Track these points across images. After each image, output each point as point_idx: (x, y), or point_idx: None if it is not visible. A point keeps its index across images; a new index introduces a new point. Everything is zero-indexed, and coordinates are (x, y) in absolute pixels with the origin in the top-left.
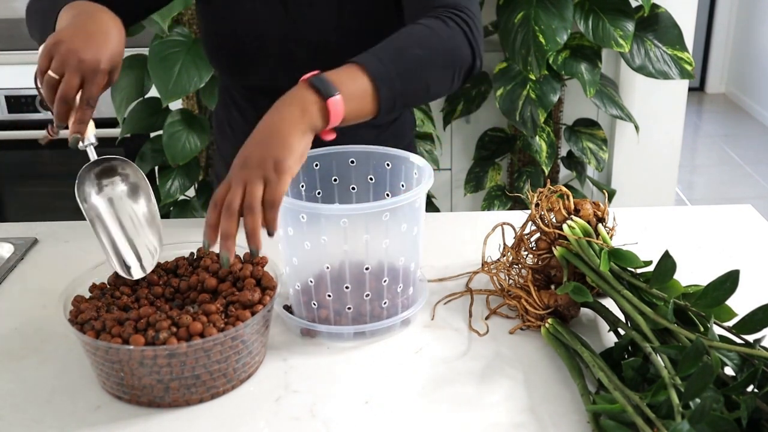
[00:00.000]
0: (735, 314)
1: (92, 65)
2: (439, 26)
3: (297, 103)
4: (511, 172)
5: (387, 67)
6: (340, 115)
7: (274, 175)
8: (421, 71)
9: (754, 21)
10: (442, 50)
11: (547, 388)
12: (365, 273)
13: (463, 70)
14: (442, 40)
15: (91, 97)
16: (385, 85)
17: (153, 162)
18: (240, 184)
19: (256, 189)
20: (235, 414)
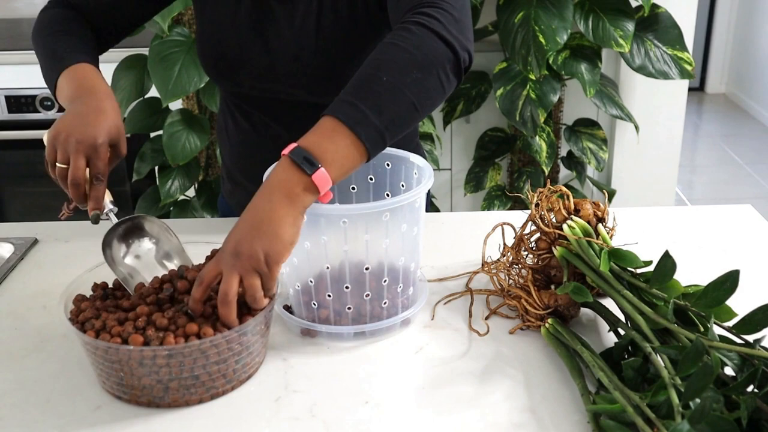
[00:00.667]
0: (735, 314)
1: (91, 142)
2: (402, 37)
3: (283, 188)
4: (511, 172)
5: (357, 108)
6: (328, 183)
7: (266, 269)
8: (398, 95)
9: (754, 21)
10: (411, 62)
11: (547, 388)
12: (365, 273)
13: (448, 68)
14: (407, 52)
15: (98, 173)
16: (363, 129)
17: (153, 162)
18: (234, 275)
19: (255, 282)
20: (234, 414)
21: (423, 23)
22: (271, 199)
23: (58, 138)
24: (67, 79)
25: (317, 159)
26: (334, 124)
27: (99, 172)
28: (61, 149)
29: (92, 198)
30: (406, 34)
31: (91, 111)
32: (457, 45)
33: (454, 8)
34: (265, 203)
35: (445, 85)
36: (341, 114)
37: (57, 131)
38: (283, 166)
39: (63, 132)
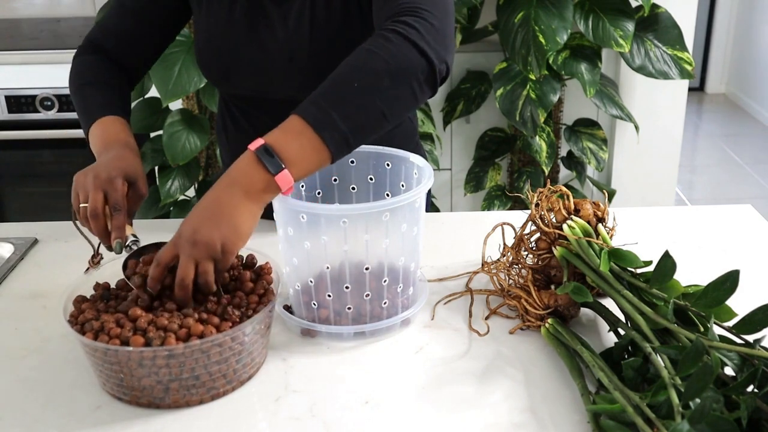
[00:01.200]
0: (735, 314)
1: (106, 176)
2: (378, 44)
3: (245, 183)
4: (511, 172)
5: (325, 112)
6: (290, 183)
7: (221, 256)
8: (367, 102)
9: (754, 21)
10: (384, 71)
11: (547, 388)
12: (365, 273)
13: (421, 78)
14: (382, 60)
15: (116, 203)
16: (328, 131)
17: (153, 162)
18: (191, 261)
19: (209, 268)
20: (235, 414)
21: (401, 32)
22: (232, 191)
23: (78, 182)
24: (94, 135)
25: (282, 159)
26: (302, 125)
27: (116, 203)
28: (82, 191)
29: (114, 228)
30: (383, 41)
31: (110, 158)
32: (433, 56)
33: (435, 17)
34: (226, 194)
35: (418, 96)
36: (309, 116)
37: (77, 178)
38: (248, 161)
39: (82, 176)
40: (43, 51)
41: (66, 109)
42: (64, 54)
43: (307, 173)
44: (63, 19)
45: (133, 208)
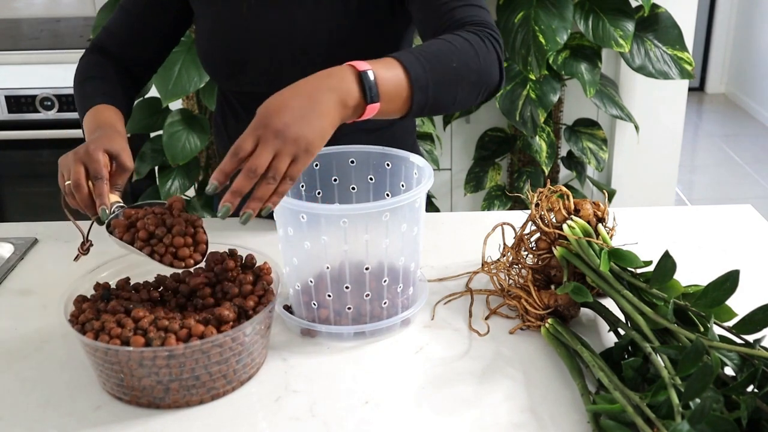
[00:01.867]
0: (735, 314)
1: (84, 150)
2: (478, 43)
3: (341, 94)
4: (511, 172)
5: (427, 75)
6: (372, 114)
7: (303, 156)
8: (454, 84)
9: (754, 21)
10: (476, 68)
11: (547, 388)
12: (365, 273)
13: (488, 89)
14: (478, 58)
15: (95, 173)
16: (421, 93)
17: (153, 162)
18: (270, 151)
19: (285, 164)
20: (235, 414)
21: (492, 43)
22: (330, 97)
23: (61, 163)
24: (86, 121)
25: (379, 92)
26: (402, 73)
27: (96, 173)
28: (65, 170)
29: (96, 196)
30: (481, 43)
31: (92, 138)
32: (503, 76)
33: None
34: (324, 97)
35: (477, 101)
36: (412, 70)
37: (60, 160)
38: (352, 78)
39: (63, 157)
40: (43, 51)
41: (66, 109)
42: (64, 54)
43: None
44: (63, 19)
45: (117, 181)
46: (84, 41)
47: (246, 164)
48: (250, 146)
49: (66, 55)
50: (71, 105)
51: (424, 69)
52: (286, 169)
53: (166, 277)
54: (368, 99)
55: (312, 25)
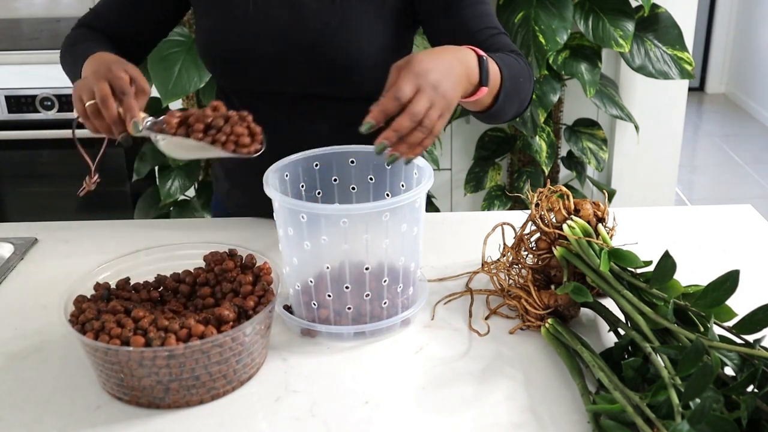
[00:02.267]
0: (735, 314)
1: (106, 68)
2: (527, 70)
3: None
4: (511, 172)
5: (508, 83)
6: (479, 97)
7: (446, 114)
8: (515, 98)
9: (754, 21)
10: (527, 90)
11: (547, 388)
12: (365, 273)
13: (521, 112)
14: (529, 83)
15: (122, 88)
16: (503, 95)
17: (153, 162)
18: (427, 101)
19: (436, 116)
20: (235, 414)
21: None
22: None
23: (79, 87)
24: (89, 63)
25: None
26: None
27: (122, 88)
28: (85, 91)
29: (126, 110)
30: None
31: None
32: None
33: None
34: (461, 68)
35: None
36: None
37: (77, 85)
38: (474, 59)
39: (80, 81)
40: (43, 51)
41: (66, 109)
42: None
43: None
44: (63, 19)
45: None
46: None
47: (408, 108)
48: (410, 92)
49: None
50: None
51: (509, 77)
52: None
53: (166, 277)
54: (484, 81)
55: (320, 23)
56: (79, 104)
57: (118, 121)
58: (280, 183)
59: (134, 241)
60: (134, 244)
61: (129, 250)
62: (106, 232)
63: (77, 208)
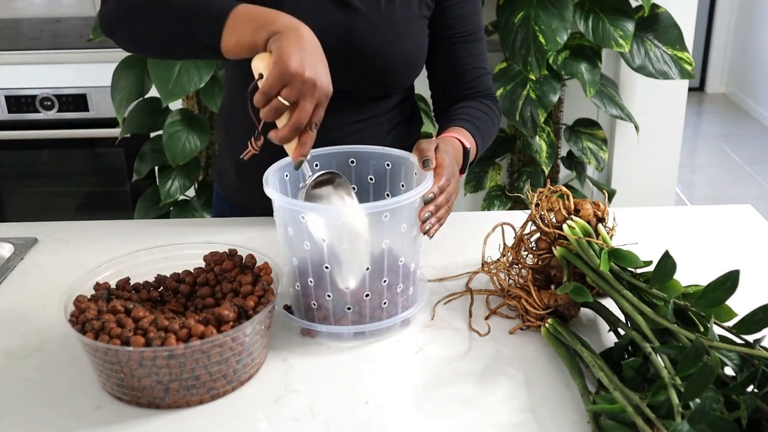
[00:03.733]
0: (735, 314)
1: (326, 90)
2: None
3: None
4: (511, 172)
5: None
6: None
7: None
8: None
9: (754, 21)
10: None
11: (547, 388)
12: (365, 273)
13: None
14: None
15: (319, 120)
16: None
17: (153, 162)
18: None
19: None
20: (235, 414)
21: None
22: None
23: (296, 77)
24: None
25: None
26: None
27: (319, 120)
28: (295, 89)
29: (301, 143)
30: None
31: (318, 53)
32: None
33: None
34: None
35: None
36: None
37: (294, 71)
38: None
39: (302, 74)
40: (43, 51)
41: (66, 109)
42: (64, 54)
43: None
44: (63, 19)
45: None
46: (84, 41)
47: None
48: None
49: (66, 55)
50: (71, 105)
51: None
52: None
53: (166, 277)
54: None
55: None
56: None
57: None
58: (280, 183)
59: (134, 241)
60: (134, 244)
61: (129, 250)
62: (106, 232)
63: (77, 208)
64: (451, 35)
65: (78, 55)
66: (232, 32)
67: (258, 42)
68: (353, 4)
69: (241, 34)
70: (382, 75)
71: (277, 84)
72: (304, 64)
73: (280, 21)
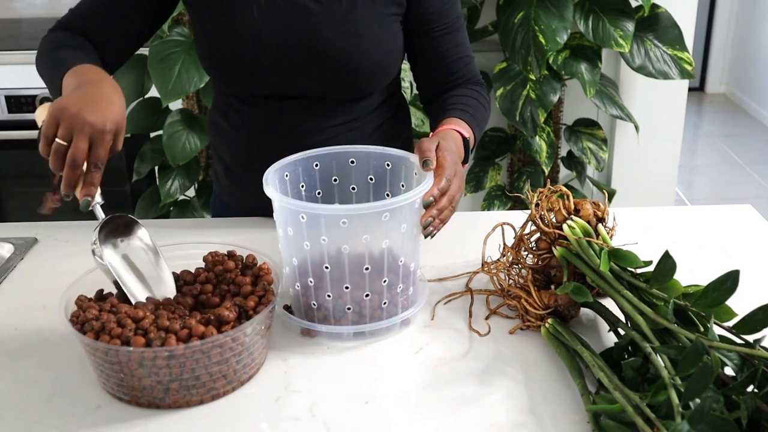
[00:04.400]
0: (735, 314)
1: (99, 127)
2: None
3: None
4: (511, 172)
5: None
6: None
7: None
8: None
9: (754, 21)
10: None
11: (547, 388)
12: (365, 273)
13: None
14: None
15: (98, 160)
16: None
17: (153, 162)
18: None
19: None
20: (235, 414)
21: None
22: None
23: (65, 113)
24: (71, 76)
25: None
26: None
27: (99, 159)
28: (65, 126)
29: (87, 184)
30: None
31: (101, 97)
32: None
33: None
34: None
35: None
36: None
37: (63, 106)
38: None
39: (71, 108)
40: None
41: None
42: None
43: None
44: None
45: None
46: None
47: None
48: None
49: None
50: None
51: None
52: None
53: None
54: (467, 160)
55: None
56: (52, 128)
57: (72, 185)
58: (280, 183)
59: None
60: None
61: None
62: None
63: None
64: (431, 29)
65: None
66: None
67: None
68: (312, 8)
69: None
70: (350, 76)
71: (51, 124)
72: (74, 101)
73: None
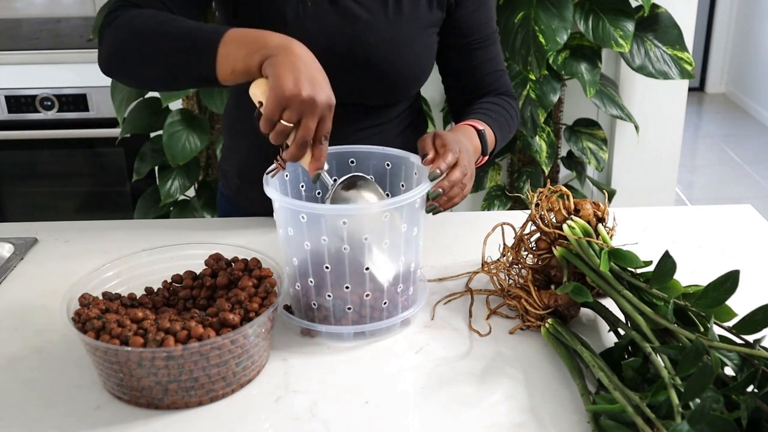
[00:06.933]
0: (735, 314)
1: (327, 103)
2: (515, 112)
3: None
4: (511, 172)
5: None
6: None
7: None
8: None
9: (754, 21)
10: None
11: (547, 388)
12: (365, 273)
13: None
14: (513, 128)
15: (327, 133)
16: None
17: (153, 162)
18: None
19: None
20: (235, 414)
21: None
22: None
23: (293, 100)
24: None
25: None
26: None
27: (327, 132)
28: (295, 111)
29: (315, 158)
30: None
31: (318, 71)
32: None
33: None
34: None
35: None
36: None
37: (291, 93)
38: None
39: (298, 94)
40: (43, 51)
41: (66, 109)
42: (64, 54)
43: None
44: (63, 19)
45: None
46: (84, 41)
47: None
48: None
49: (66, 55)
50: (71, 105)
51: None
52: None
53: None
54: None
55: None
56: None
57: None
58: (280, 183)
59: (134, 241)
60: (134, 244)
61: (129, 250)
62: (106, 232)
63: (77, 208)
64: (468, 43)
65: (78, 55)
66: (225, 62)
67: (252, 68)
68: (359, 15)
69: (234, 62)
70: (389, 84)
71: (277, 109)
72: (299, 84)
73: (271, 42)
